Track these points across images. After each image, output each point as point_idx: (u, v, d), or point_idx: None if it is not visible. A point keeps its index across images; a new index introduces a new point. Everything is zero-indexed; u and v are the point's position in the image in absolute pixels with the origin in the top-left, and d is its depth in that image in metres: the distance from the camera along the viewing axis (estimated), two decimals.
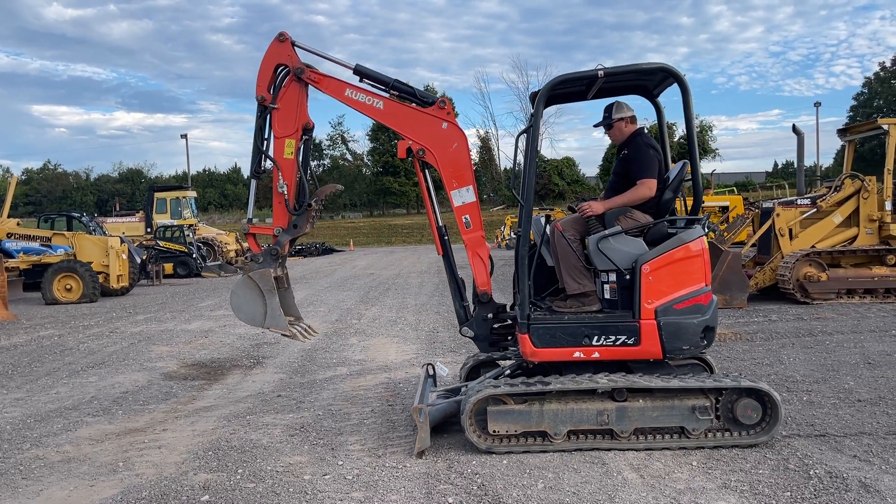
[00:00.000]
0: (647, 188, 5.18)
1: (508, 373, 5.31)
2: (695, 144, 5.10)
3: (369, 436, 5.31)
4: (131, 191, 78.76)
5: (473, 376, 5.89)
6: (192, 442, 5.33)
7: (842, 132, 14.10)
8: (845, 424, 5.20)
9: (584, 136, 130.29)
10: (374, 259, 32.08)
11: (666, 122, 5.82)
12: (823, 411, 5.55)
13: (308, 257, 35.56)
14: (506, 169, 73.69)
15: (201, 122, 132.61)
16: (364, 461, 4.75)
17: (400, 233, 57.43)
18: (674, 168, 5.41)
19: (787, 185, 45.69)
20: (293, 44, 5.38)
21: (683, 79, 4.99)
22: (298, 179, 5.46)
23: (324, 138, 77.04)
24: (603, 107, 5.57)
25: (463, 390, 5.48)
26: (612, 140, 5.64)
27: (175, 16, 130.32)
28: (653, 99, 5.70)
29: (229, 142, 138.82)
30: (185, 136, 57.78)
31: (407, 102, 5.36)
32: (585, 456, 4.65)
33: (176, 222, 26.78)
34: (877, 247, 11.91)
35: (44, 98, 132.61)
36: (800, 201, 12.80)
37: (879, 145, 16.55)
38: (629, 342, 4.81)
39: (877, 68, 64.70)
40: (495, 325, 5.43)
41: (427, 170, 5.38)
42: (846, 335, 8.77)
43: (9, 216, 18.55)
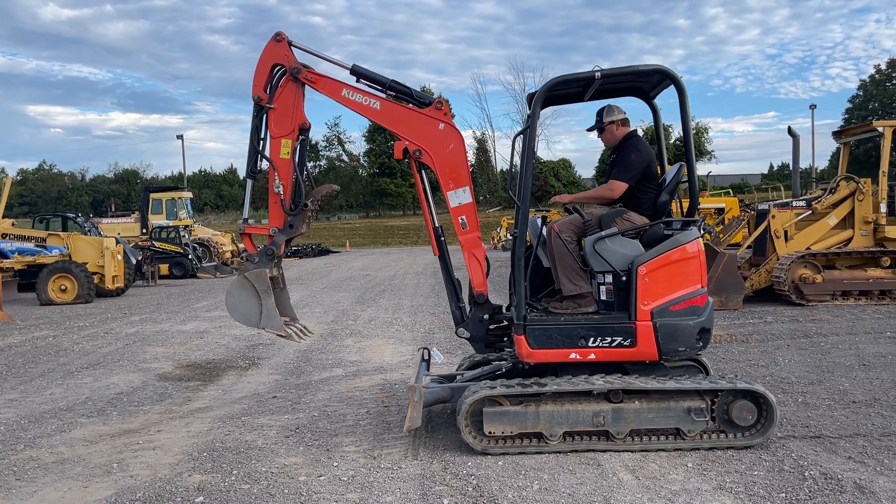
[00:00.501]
0: (608, 189, 5.27)
1: (503, 371, 5.33)
2: (691, 146, 5.11)
3: (365, 437, 5.30)
4: (127, 191, 78.62)
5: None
6: (187, 443, 5.31)
7: (837, 134, 14.14)
8: (840, 426, 5.21)
9: (581, 138, 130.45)
10: (371, 260, 32.06)
11: (662, 123, 5.83)
12: (818, 413, 5.56)
13: (304, 258, 35.52)
14: (502, 170, 73.74)
15: (197, 123, 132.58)
16: (359, 462, 4.74)
17: (396, 234, 57.39)
18: (670, 170, 5.42)
19: (782, 188, 45.70)
20: (290, 43, 5.37)
21: (680, 81, 5.00)
22: (295, 179, 5.44)
23: (320, 139, 77.04)
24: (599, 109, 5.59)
25: (458, 378, 5.50)
26: (605, 143, 5.64)
27: (171, 16, 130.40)
28: (649, 101, 5.70)
29: (225, 143, 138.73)
30: (180, 137, 57.77)
31: (404, 103, 5.35)
32: (581, 457, 4.65)
33: (171, 223, 26.73)
34: (872, 248, 11.94)
35: (39, 98, 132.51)
36: (795, 203, 12.83)
37: (874, 147, 16.60)
38: (625, 344, 4.81)
39: (872, 71, 64.94)
40: (491, 327, 5.42)
41: (423, 171, 5.38)
42: (841, 337, 8.79)
43: (4, 217, 18.48)
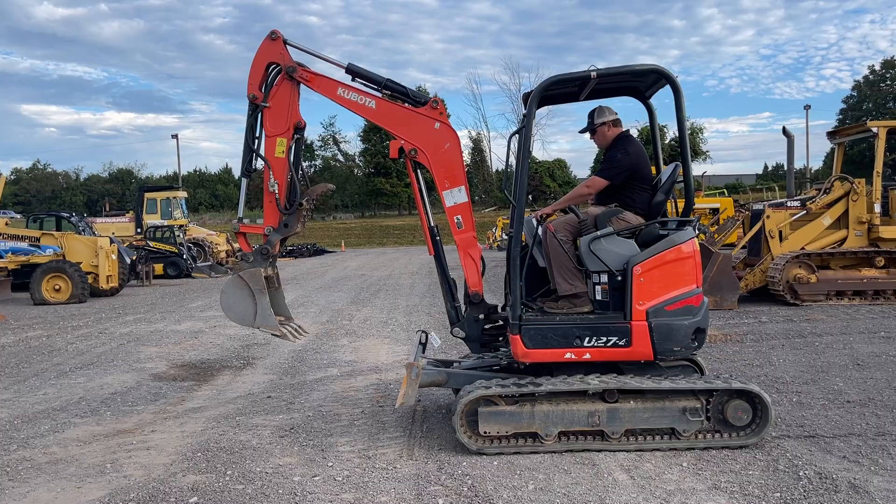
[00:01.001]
0: (586, 186, 5.34)
1: (500, 366, 5.34)
2: (686, 146, 5.11)
3: (359, 437, 5.29)
4: (121, 191, 78.46)
5: None
6: (181, 443, 5.29)
7: (831, 135, 14.17)
8: (835, 425, 5.21)
9: (576, 138, 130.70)
10: (366, 260, 32.03)
11: (658, 123, 5.83)
12: (813, 412, 5.57)
13: (299, 258, 35.45)
14: (498, 171, 73.72)
15: (192, 123, 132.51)
16: (354, 462, 4.73)
17: (391, 234, 57.35)
18: (665, 170, 5.42)
19: (777, 188, 45.94)
20: (285, 42, 5.35)
21: (676, 80, 4.99)
22: (290, 178, 5.43)
23: (315, 139, 76.88)
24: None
25: (455, 365, 5.50)
26: (598, 144, 5.64)
27: (166, 16, 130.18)
28: (645, 100, 5.71)
29: (220, 142, 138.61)
30: (175, 137, 57.79)
31: (399, 102, 5.34)
32: (576, 457, 4.65)
33: (166, 223, 26.66)
34: (866, 249, 11.97)
35: (34, 97, 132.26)
36: (790, 203, 12.86)
37: (868, 148, 16.65)
38: (620, 343, 4.81)
39: (866, 71, 65.09)
40: (487, 326, 5.42)
41: (419, 170, 5.37)
42: (835, 336, 8.81)
43: None
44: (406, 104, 5.31)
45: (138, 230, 26.43)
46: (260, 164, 5.45)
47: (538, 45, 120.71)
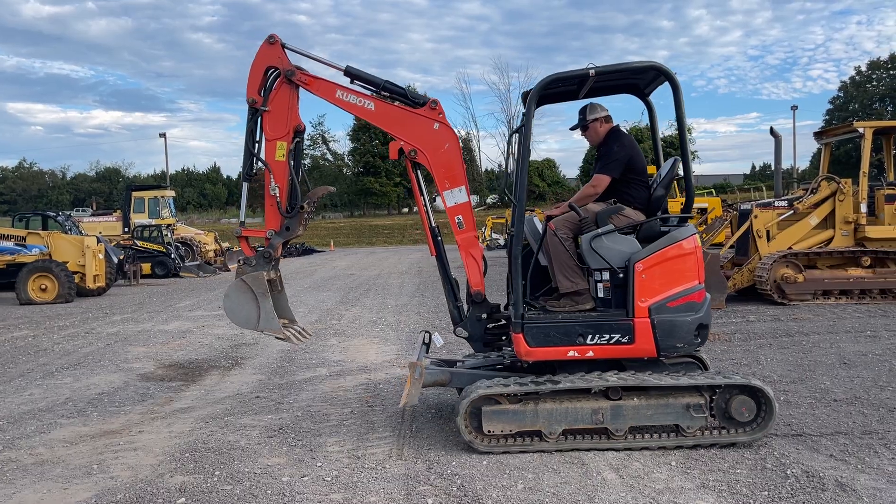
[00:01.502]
0: (592, 186, 5.32)
1: (504, 364, 5.36)
2: (686, 142, 5.08)
3: (348, 437, 5.28)
4: (108, 190, 77.99)
5: None
6: (169, 444, 5.26)
7: (818, 135, 14.27)
8: (822, 424, 5.25)
9: (565, 138, 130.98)
10: (355, 260, 31.97)
11: (658, 120, 5.81)
12: (800, 411, 5.60)
13: (288, 258, 35.31)
14: (487, 170, 73.80)
15: (181, 122, 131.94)
16: (343, 462, 4.72)
17: (381, 233, 57.26)
18: (664, 165, 5.43)
19: (764, 188, 46.14)
20: (283, 46, 5.35)
21: (675, 77, 4.97)
22: (290, 182, 5.43)
23: (304, 138, 76.71)
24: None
25: (458, 365, 5.49)
26: (589, 141, 5.66)
27: (154, 14, 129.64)
28: (644, 98, 5.71)
29: (209, 141, 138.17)
30: (163, 136, 57.51)
31: (398, 103, 5.34)
32: (565, 456, 4.65)
33: (154, 222, 26.50)
34: (852, 248, 12.05)
35: (20, 95, 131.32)
36: (777, 203, 12.92)
37: (855, 148, 16.78)
38: (623, 341, 4.80)
39: (853, 72, 65.58)
40: (489, 326, 5.43)
41: (419, 170, 5.37)
42: (822, 336, 8.86)
43: None
44: (405, 105, 5.32)
45: (126, 229, 26.27)
46: (259, 167, 5.45)
47: (528, 45, 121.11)
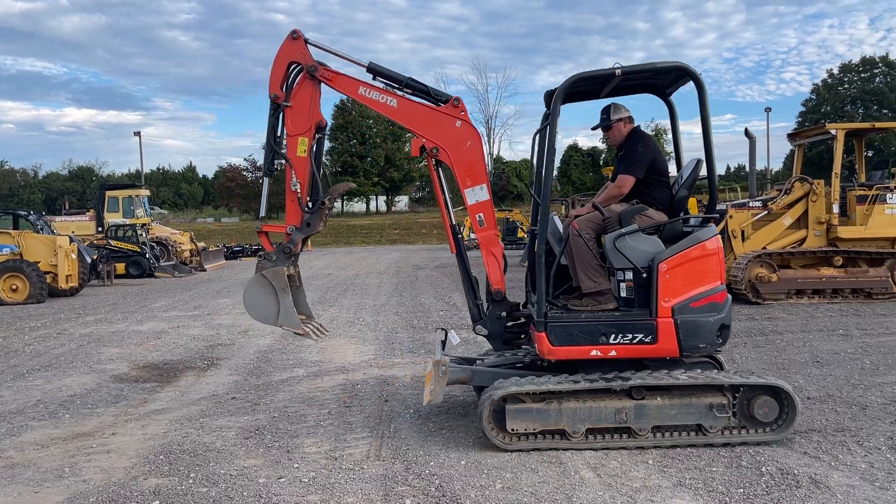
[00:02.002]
0: (617, 187, 5.32)
1: (523, 363, 5.37)
2: (711, 143, 5.10)
3: (326, 438, 5.24)
4: (82, 189, 76.82)
5: None
6: (143, 446, 5.19)
7: (792, 136, 14.48)
8: (796, 422, 5.29)
9: None
10: (332, 259, 31.82)
11: (678, 120, 5.79)
12: None
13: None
14: None
15: (156, 120, 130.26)
16: (320, 463, 4.68)
17: (359, 233, 57.01)
18: (686, 166, 5.47)
19: (739, 188, 46.63)
20: (306, 41, 5.34)
21: (700, 77, 4.99)
22: (311, 177, 5.42)
23: (326, 134, 76.07)
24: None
25: (477, 363, 5.48)
26: (611, 141, 5.67)
27: (128, 10, 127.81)
28: (665, 98, 5.73)
29: (185, 140, 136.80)
30: (138, 134, 56.68)
31: (420, 100, 5.33)
32: (543, 455, 4.66)
33: (128, 221, 26.17)
34: (825, 248, 12.24)
35: None
36: (752, 204, 13.08)
37: (827, 150, 17.02)
38: (646, 340, 4.82)
39: (825, 75, 66.61)
40: (509, 324, 5.43)
41: (440, 168, 5.37)
42: (796, 334, 8.98)
43: None
44: (427, 103, 5.31)
45: (99, 229, 25.91)
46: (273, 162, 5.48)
47: (506, 45, 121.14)
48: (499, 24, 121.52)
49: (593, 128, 5.75)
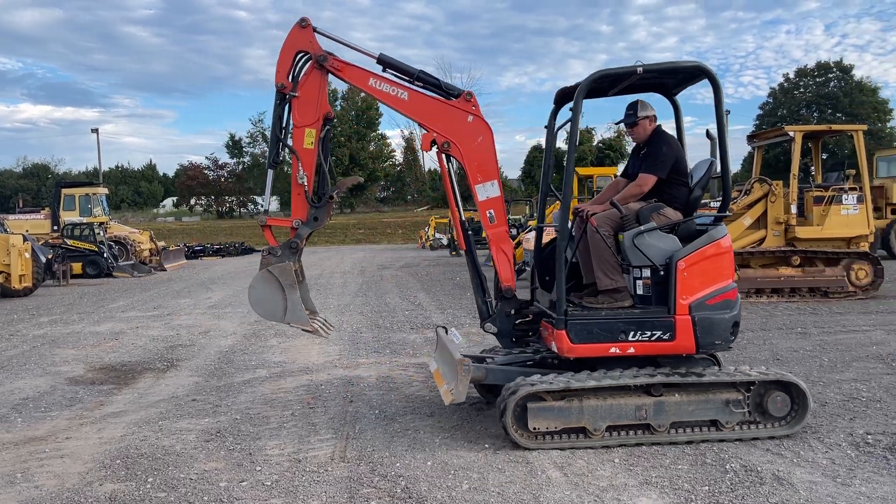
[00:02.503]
0: (638, 186, 5.31)
1: (534, 361, 5.34)
2: (726, 142, 5.16)
3: (289, 440, 5.15)
4: (36, 187, 74.86)
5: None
6: (99, 450, 5.03)
7: (751, 138, 14.72)
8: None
9: (507, 140, 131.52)
10: None
11: (683, 119, 5.83)
12: None
13: (226, 257, 34.57)
14: (430, 170, 73.71)
15: (115, 117, 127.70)
16: (283, 466, 4.59)
17: (321, 233, 56.49)
18: (700, 165, 5.51)
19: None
20: (315, 30, 5.21)
21: (717, 78, 5.01)
22: (318, 170, 5.29)
23: (244, 136, 75.06)
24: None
25: (488, 361, 5.43)
26: (635, 138, 5.64)
27: (87, 4, 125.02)
28: (671, 97, 5.75)
29: (145, 137, 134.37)
30: (96, 131, 55.27)
31: (432, 94, 5.25)
32: (510, 455, 4.64)
33: (85, 220, 25.57)
34: (783, 248, 12.46)
35: None
36: (712, 204, 13.26)
37: (784, 152, 17.37)
38: (664, 337, 4.86)
39: (781, 79, 68.04)
40: (518, 321, 5.39)
41: (450, 163, 5.31)
42: (756, 332, 9.12)
43: None
44: (439, 96, 5.22)
45: (55, 227, 25.27)
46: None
47: (470, 46, 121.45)
48: (463, 25, 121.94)
49: (617, 122, 5.80)
